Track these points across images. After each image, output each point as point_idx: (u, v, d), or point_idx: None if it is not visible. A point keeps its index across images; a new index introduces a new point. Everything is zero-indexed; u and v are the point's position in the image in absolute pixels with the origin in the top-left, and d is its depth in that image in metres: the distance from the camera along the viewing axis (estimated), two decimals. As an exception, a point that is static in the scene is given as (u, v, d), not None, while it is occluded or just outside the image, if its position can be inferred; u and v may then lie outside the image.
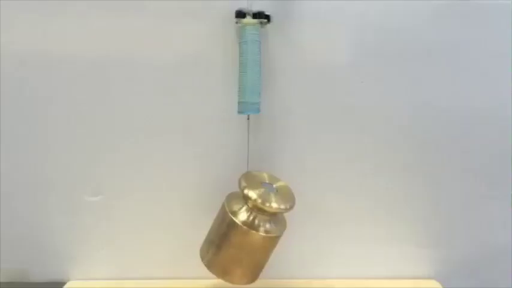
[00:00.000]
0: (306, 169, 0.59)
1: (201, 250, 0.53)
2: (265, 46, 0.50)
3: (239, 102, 0.49)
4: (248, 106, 0.49)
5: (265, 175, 0.51)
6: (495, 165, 0.60)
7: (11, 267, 0.67)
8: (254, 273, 0.50)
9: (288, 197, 0.49)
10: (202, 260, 0.52)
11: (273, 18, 0.49)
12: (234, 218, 0.47)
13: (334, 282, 0.68)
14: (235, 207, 0.48)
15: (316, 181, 0.61)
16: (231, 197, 0.51)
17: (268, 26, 0.50)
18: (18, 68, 0.52)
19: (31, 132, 0.56)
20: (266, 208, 0.45)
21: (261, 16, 0.49)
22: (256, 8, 0.48)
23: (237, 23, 0.49)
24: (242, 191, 0.46)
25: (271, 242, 0.48)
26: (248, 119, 0.51)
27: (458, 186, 0.62)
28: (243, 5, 0.48)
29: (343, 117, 0.56)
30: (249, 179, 0.48)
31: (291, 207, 0.47)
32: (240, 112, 0.49)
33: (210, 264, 0.51)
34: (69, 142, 0.57)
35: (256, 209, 0.47)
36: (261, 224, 0.47)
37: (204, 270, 0.67)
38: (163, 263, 0.67)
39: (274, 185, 0.49)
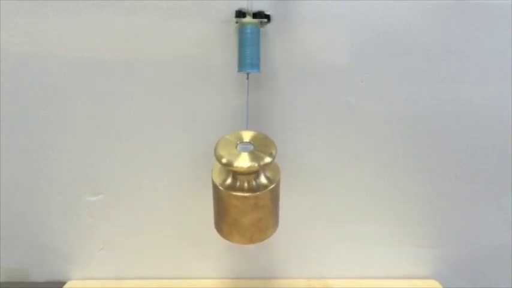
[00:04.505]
0: (305, 169, 0.60)
1: None
2: (265, 46, 0.50)
3: (239, 65, 0.48)
4: (248, 65, 0.47)
5: (236, 136, 0.48)
6: (495, 165, 0.60)
7: (11, 267, 0.67)
8: (241, 233, 0.49)
9: (267, 147, 0.46)
10: None
11: (273, 18, 0.49)
12: (212, 177, 0.47)
13: (334, 282, 0.68)
14: (217, 171, 0.48)
15: (316, 181, 0.61)
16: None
17: (268, 26, 0.50)
18: (18, 68, 0.52)
19: (31, 132, 0.56)
20: (249, 170, 0.44)
21: (261, 16, 0.48)
22: (256, 8, 0.48)
23: (237, 22, 0.49)
24: (220, 161, 0.45)
25: (242, 200, 0.46)
26: (247, 78, 0.50)
27: (458, 186, 0.62)
28: (243, 5, 0.48)
29: (343, 117, 0.56)
30: (223, 146, 0.46)
31: (273, 156, 0.45)
32: (240, 71, 0.48)
33: (214, 219, 0.52)
34: (69, 142, 0.57)
35: (239, 173, 0.46)
36: (242, 183, 0.46)
37: (204, 270, 0.68)
38: (163, 263, 0.67)
39: (249, 141, 0.47)
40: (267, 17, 0.49)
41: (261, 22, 0.48)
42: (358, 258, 0.67)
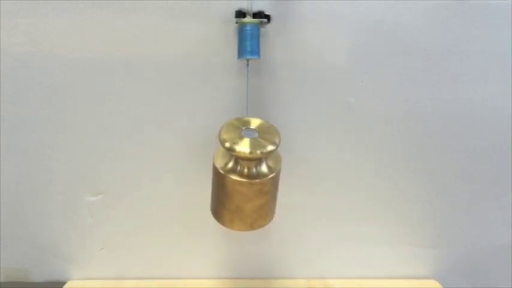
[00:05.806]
0: (305, 168, 0.60)
1: None
2: (265, 46, 0.50)
3: (239, 52, 0.49)
4: (248, 52, 0.48)
5: (241, 121, 0.48)
6: (495, 165, 0.60)
7: (11, 267, 0.67)
8: (243, 220, 0.48)
9: (271, 135, 0.46)
10: None
11: (273, 18, 0.49)
12: (214, 162, 0.47)
13: (334, 282, 0.68)
14: (220, 156, 0.48)
15: (317, 182, 0.61)
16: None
17: (268, 26, 0.50)
18: (18, 68, 0.52)
19: (31, 132, 0.56)
20: (251, 156, 0.44)
21: (261, 16, 0.48)
22: (256, 8, 0.48)
23: (237, 22, 0.49)
24: (223, 145, 0.45)
25: (247, 187, 0.46)
26: (247, 65, 0.50)
27: (458, 186, 0.62)
28: (243, 5, 0.48)
29: (343, 117, 0.56)
30: (228, 130, 0.46)
31: (277, 144, 0.45)
32: (239, 57, 0.48)
33: (210, 207, 0.51)
34: (69, 142, 0.57)
35: (241, 159, 0.46)
36: (242, 168, 0.46)
37: (204, 270, 0.68)
38: (163, 263, 0.67)
39: (254, 128, 0.47)
40: (267, 17, 0.49)
41: (261, 22, 0.48)
42: (358, 258, 0.67)
